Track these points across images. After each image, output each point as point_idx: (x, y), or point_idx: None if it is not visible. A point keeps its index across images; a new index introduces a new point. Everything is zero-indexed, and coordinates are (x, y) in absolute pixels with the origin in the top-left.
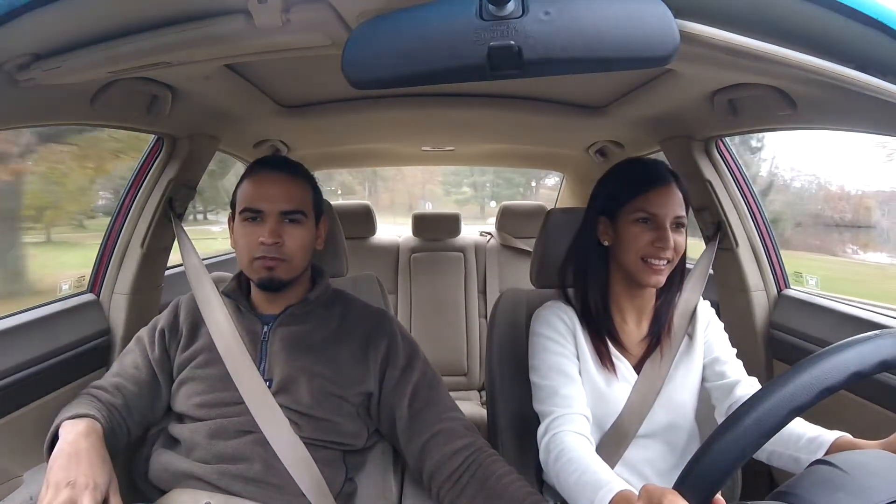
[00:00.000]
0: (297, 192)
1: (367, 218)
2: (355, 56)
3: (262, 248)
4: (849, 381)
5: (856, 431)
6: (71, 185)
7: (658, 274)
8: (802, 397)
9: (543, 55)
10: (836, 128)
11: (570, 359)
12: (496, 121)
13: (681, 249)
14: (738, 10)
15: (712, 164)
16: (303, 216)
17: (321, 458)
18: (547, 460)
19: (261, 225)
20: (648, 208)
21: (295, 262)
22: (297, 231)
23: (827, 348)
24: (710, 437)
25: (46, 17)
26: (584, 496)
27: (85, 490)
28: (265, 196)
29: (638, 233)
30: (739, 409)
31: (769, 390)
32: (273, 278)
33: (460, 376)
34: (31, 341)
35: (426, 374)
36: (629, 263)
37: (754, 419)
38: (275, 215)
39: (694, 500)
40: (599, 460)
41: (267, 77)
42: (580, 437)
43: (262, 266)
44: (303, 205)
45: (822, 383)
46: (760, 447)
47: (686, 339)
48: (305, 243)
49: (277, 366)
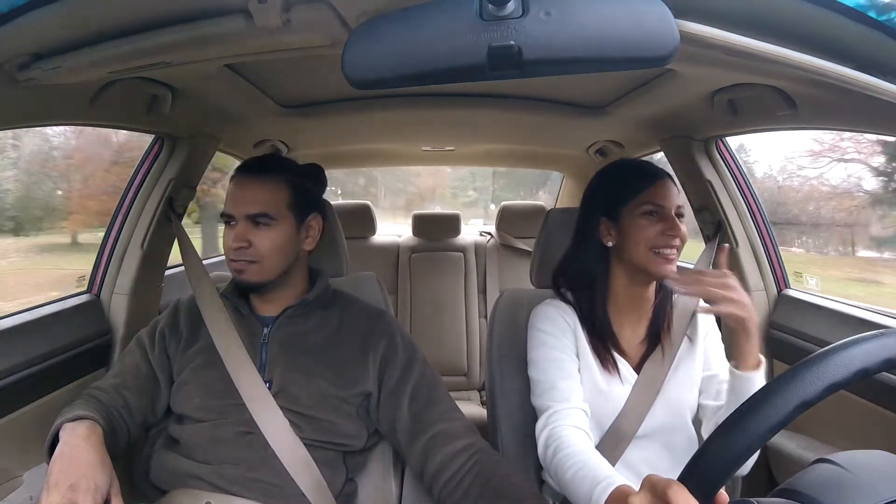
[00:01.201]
0: (264, 195)
1: (367, 218)
2: (355, 56)
3: (232, 252)
4: (856, 377)
5: (856, 432)
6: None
7: (669, 262)
8: (810, 391)
9: (543, 55)
10: (836, 128)
11: (568, 354)
12: (496, 121)
13: (685, 238)
14: (738, 10)
15: (712, 164)
16: (269, 218)
17: (321, 458)
18: (545, 455)
19: (234, 228)
20: (655, 200)
21: (266, 263)
22: (267, 233)
23: (834, 344)
24: (716, 430)
25: (46, 17)
26: (582, 490)
27: (86, 492)
28: (235, 200)
29: (646, 225)
30: (747, 402)
31: (778, 384)
32: (242, 280)
33: (460, 376)
34: (31, 341)
35: (426, 374)
36: (639, 257)
37: (762, 413)
38: (242, 219)
39: (698, 493)
40: (598, 455)
41: (267, 77)
42: (578, 431)
43: (234, 268)
44: (269, 206)
45: (829, 378)
46: (768, 440)
47: (686, 341)
48: (277, 244)
49: (277, 367)
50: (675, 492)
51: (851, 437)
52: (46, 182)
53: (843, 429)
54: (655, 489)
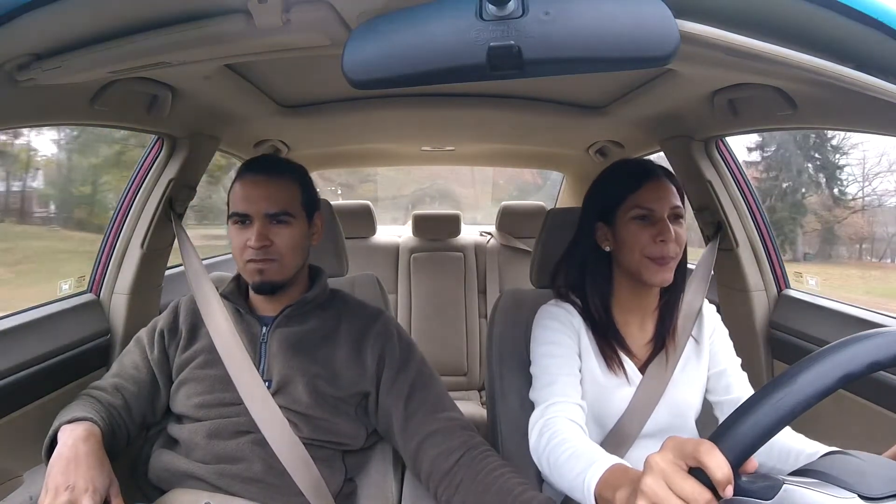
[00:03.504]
0: (281, 193)
1: (367, 218)
2: (355, 56)
3: (251, 251)
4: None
5: (857, 433)
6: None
7: (665, 271)
8: (854, 364)
9: (543, 55)
10: (836, 128)
11: (570, 354)
12: (496, 121)
13: (683, 241)
14: (739, 10)
15: (712, 164)
16: (289, 216)
17: (320, 457)
18: (538, 444)
19: (249, 228)
20: (643, 203)
21: (286, 261)
22: (286, 231)
23: (882, 329)
24: (753, 396)
25: (46, 17)
26: (576, 469)
27: (84, 493)
28: (250, 199)
29: (637, 231)
30: (790, 369)
31: (823, 354)
32: (265, 281)
33: (460, 376)
34: (31, 341)
35: (422, 373)
36: (634, 264)
37: (805, 379)
38: (261, 218)
39: (729, 458)
40: (594, 444)
41: (267, 77)
42: (574, 424)
43: (255, 269)
44: (288, 205)
45: (872, 356)
46: (810, 408)
47: (692, 342)
48: (296, 242)
49: (276, 366)
50: (706, 450)
51: (851, 437)
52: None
53: (843, 429)
54: (683, 448)
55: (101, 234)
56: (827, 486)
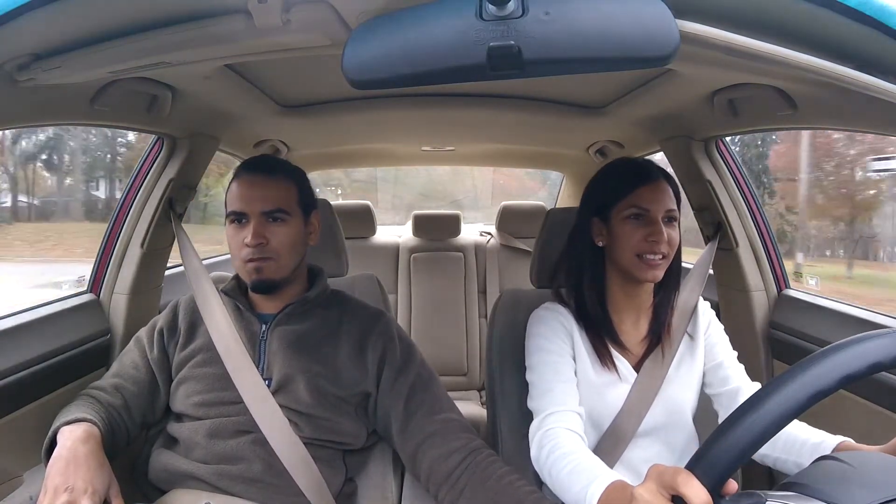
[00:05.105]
0: (277, 191)
1: (367, 218)
2: (355, 56)
3: (247, 250)
4: (869, 370)
5: (857, 433)
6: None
7: (654, 269)
8: (824, 381)
9: (543, 55)
10: (836, 128)
11: (565, 359)
12: (496, 121)
13: (675, 243)
14: (738, 10)
15: (712, 164)
16: (285, 214)
17: (320, 457)
18: (539, 456)
19: (245, 227)
20: (639, 204)
21: (282, 259)
22: (282, 229)
23: (849, 338)
24: (727, 419)
25: (46, 17)
26: (578, 485)
27: (83, 494)
28: (246, 198)
29: (631, 230)
30: (760, 391)
31: (792, 374)
32: (262, 279)
33: (460, 376)
34: (31, 341)
35: (422, 374)
36: (625, 261)
37: (775, 401)
38: (257, 216)
39: (707, 483)
40: (594, 456)
41: (267, 77)
42: (573, 434)
43: (252, 268)
44: (284, 203)
45: (843, 370)
46: (780, 430)
47: (686, 339)
48: (292, 240)
49: (276, 365)
50: (683, 480)
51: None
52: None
53: (843, 429)
54: (662, 478)
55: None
56: (808, 501)
